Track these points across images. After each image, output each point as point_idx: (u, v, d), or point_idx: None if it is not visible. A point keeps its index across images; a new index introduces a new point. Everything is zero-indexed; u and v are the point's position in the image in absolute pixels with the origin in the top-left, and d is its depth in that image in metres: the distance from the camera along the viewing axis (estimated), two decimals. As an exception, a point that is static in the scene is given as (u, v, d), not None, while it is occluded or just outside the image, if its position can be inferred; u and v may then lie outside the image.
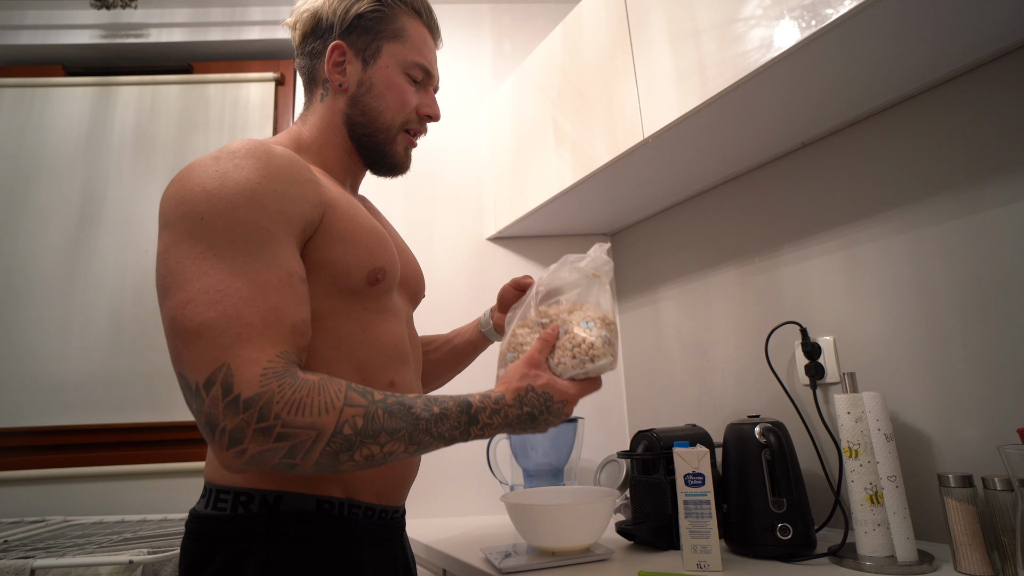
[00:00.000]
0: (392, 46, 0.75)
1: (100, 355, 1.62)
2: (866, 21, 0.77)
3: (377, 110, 0.75)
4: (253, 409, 0.50)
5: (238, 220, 0.56)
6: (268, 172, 0.60)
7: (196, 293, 0.53)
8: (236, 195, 0.57)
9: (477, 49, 1.87)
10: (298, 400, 0.52)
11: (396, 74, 0.75)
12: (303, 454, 0.52)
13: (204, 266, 0.54)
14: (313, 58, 0.76)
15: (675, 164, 1.24)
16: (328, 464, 0.54)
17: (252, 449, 0.50)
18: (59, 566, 0.94)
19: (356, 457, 0.55)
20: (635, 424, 1.62)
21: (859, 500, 0.85)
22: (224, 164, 0.59)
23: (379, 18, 0.74)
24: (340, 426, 0.53)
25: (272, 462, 0.52)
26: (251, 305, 0.53)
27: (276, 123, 1.86)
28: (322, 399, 0.53)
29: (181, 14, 1.88)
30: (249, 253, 0.56)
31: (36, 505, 1.51)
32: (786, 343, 1.17)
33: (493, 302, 0.99)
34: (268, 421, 0.50)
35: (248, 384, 0.50)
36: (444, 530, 1.30)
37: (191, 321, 0.52)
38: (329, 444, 0.53)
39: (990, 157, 0.89)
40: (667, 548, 0.99)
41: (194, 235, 0.55)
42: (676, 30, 1.05)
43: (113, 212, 1.72)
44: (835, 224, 1.10)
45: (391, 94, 0.75)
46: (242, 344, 0.52)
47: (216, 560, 0.59)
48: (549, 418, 0.68)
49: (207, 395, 0.50)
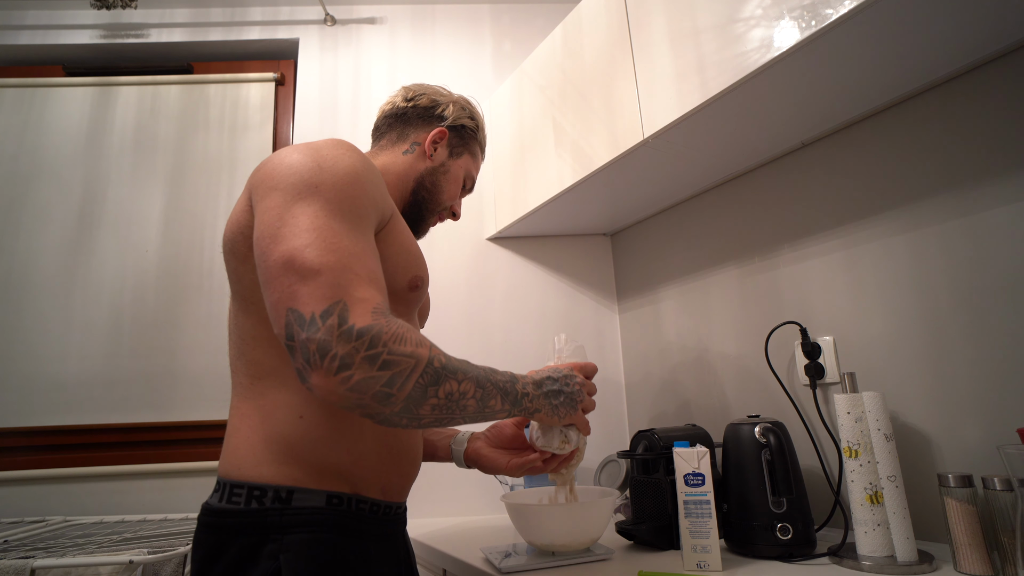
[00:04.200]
0: (468, 158, 0.96)
1: (100, 355, 1.62)
2: (866, 21, 0.77)
3: (441, 188, 0.92)
4: (365, 338, 0.56)
5: (348, 195, 0.64)
6: (367, 166, 0.69)
7: (314, 240, 0.59)
8: (347, 174, 0.65)
9: (477, 49, 1.87)
10: (402, 334, 0.58)
11: (460, 174, 0.95)
12: (401, 383, 0.57)
13: (318, 222, 0.60)
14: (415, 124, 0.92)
15: (675, 164, 1.24)
16: (417, 396, 0.59)
17: (358, 375, 0.55)
18: (59, 566, 0.94)
19: (440, 393, 0.61)
20: (635, 424, 1.62)
21: (859, 500, 0.85)
22: (333, 151, 0.67)
23: (471, 137, 0.96)
24: (432, 358, 0.60)
25: (373, 389, 0.56)
26: (359, 261, 0.60)
27: (276, 123, 1.86)
28: (417, 336, 0.61)
29: (181, 14, 1.88)
30: (353, 223, 0.63)
31: (36, 505, 1.51)
32: (786, 343, 1.17)
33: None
34: (376, 348, 0.56)
35: (362, 317, 0.56)
36: (444, 530, 1.30)
37: (313, 261, 0.57)
38: (423, 375, 0.59)
39: (990, 157, 0.89)
40: (667, 548, 0.99)
41: (307, 198, 0.62)
42: (676, 30, 1.05)
43: (113, 212, 1.72)
44: (835, 224, 1.10)
45: (453, 185, 0.94)
46: (356, 287, 0.58)
47: (230, 552, 0.62)
48: (568, 381, 0.80)
49: (323, 324, 0.55)
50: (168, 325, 1.66)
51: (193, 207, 1.75)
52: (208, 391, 1.62)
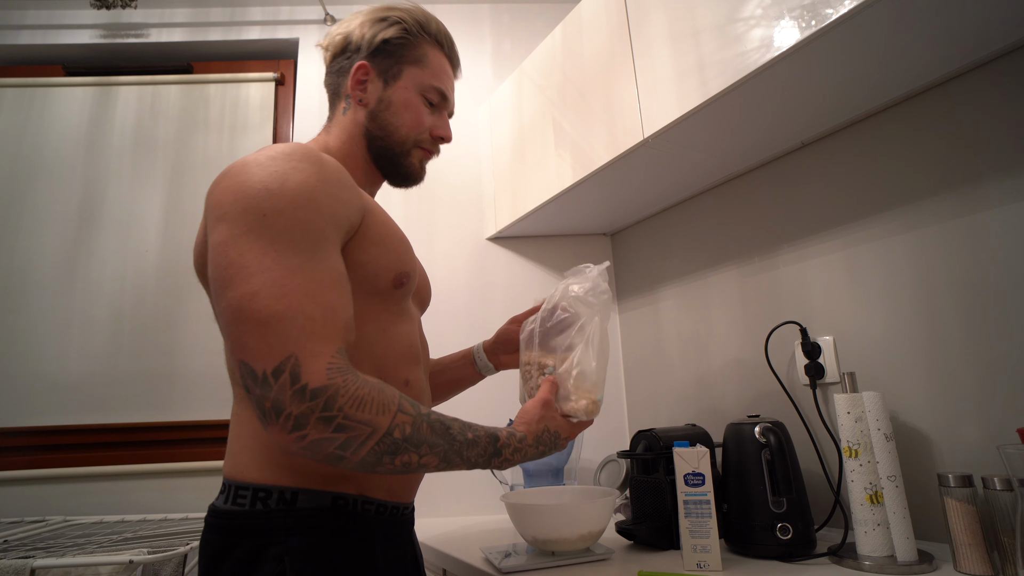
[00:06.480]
0: (412, 70, 0.80)
1: (100, 355, 1.62)
2: (866, 21, 0.77)
3: (394, 126, 0.79)
4: (320, 399, 0.53)
5: (298, 220, 0.59)
6: (322, 176, 0.64)
7: (261, 286, 0.55)
8: (296, 196, 0.60)
9: (477, 49, 1.87)
10: (361, 397, 0.55)
11: (414, 95, 0.80)
12: (355, 448, 0.55)
13: (266, 260, 0.56)
14: (339, 75, 0.81)
15: (675, 164, 1.24)
16: (372, 462, 0.57)
17: (312, 435, 0.53)
18: (59, 566, 0.94)
19: (396, 462, 0.58)
20: (635, 424, 1.62)
21: (859, 500, 0.85)
22: (282, 165, 0.62)
23: (403, 44, 0.80)
24: (392, 428, 0.57)
25: (327, 451, 0.54)
26: (312, 300, 0.57)
27: (276, 123, 1.86)
28: (381, 400, 0.57)
29: (181, 14, 1.88)
30: (306, 251, 0.59)
31: (36, 505, 1.51)
32: (786, 343, 1.17)
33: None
34: (331, 412, 0.54)
35: (315, 375, 0.54)
36: (444, 530, 1.30)
37: (259, 312, 0.54)
38: (380, 443, 0.56)
39: (990, 157, 0.89)
40: (667, 548, 0.99)
41: (255, 230, 0.58)
42: (676, 30, 1.05)
43: (113, 212, 1.72)
44: (835, 224, 1.10)
45: (407, 113, 0.80)
46: (308, 337, 0.55)
47: (236, 553, 0.62)
48: (553, 450, 0.78)
49: (275, 383, 0.53)
50: (168, 325, 1.66)
51: (193, 207, 1.75)
52: (208, 391, 1.62)
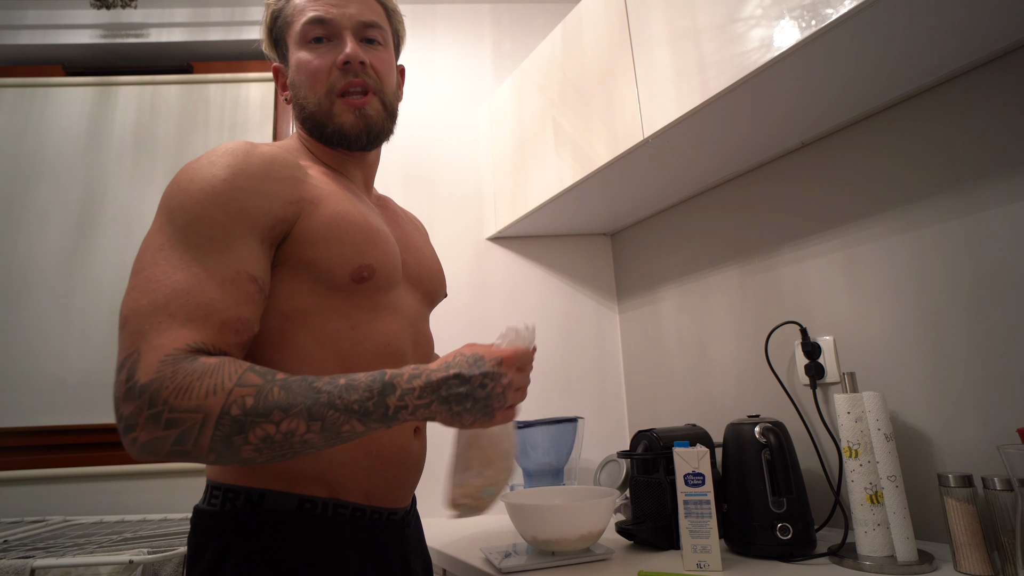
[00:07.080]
0: (289, 32, 0.76)
1: (100, 355, 1.62)
2: (866, 21, 0.77)
3: (302, 95, 0.75)
4: (146, 396, 0.49)
5: (197, 216, 0.58)
6: (238, 170, 0.61)
7: (138, 283, 0.55)
8: (200, 192, 0.59)
9: (477, 49, 1.87)
10: (186, 384, 0.50)
11: (298, 52, 0.75)
12: (193, 440, 0.50)
13: (158, 258, 0.57)
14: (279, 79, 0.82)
15: (675, 164, 1.24)
16: (224, 450, 0.51)
17: (143, 437, 0.49)
18: (59, 566, 0.94)
19: (251, 440, 0.51)
20: (635, 424, 1.62)
21: (859, 500, 0.85)
22: (202, 162, 0.62)
23: (279, 23, 0.78)
24: (227, 407, 0.50)
25: (164, 450, 0.50)
26: (182, 297, 0.54)
27: (276, 123, 1.86)
28: (211, 381, 0.51)
29: (181, 14, 1.88)
30: (201, 248, 0.57)
31: (36, 505, 1.50)
32: (786, 343, 1.17)
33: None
34: (157, 407, 0.49)
35: (146, 370, 0.50)
36: (444, 530, 1.30)
37: (125, 307, 0.54)
38: (218, 427, 0.50)
39: (990, 157, 0.89)
40: (667, 548, 0.99)
41: (162, 228, 0.59)
42: (676, 30, 1.05)
43: (113, 212, 1.72)
44: (835, 224, 1.10)
45: (301, 74, 0.74)
46: (158, 333, 0.52)
47: (206, 554, 0.61)
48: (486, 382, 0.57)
49: (116, 380, 0.51)
50: (168, 325, 1.65)
51: (193, 207, 1.74)
52: (208, 391, 1.62)
